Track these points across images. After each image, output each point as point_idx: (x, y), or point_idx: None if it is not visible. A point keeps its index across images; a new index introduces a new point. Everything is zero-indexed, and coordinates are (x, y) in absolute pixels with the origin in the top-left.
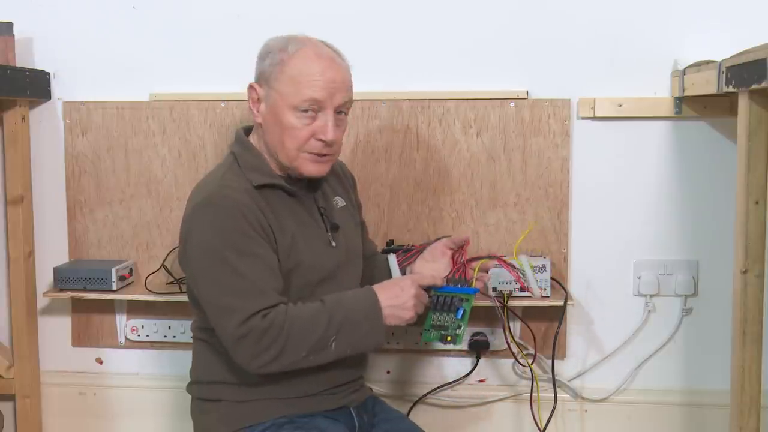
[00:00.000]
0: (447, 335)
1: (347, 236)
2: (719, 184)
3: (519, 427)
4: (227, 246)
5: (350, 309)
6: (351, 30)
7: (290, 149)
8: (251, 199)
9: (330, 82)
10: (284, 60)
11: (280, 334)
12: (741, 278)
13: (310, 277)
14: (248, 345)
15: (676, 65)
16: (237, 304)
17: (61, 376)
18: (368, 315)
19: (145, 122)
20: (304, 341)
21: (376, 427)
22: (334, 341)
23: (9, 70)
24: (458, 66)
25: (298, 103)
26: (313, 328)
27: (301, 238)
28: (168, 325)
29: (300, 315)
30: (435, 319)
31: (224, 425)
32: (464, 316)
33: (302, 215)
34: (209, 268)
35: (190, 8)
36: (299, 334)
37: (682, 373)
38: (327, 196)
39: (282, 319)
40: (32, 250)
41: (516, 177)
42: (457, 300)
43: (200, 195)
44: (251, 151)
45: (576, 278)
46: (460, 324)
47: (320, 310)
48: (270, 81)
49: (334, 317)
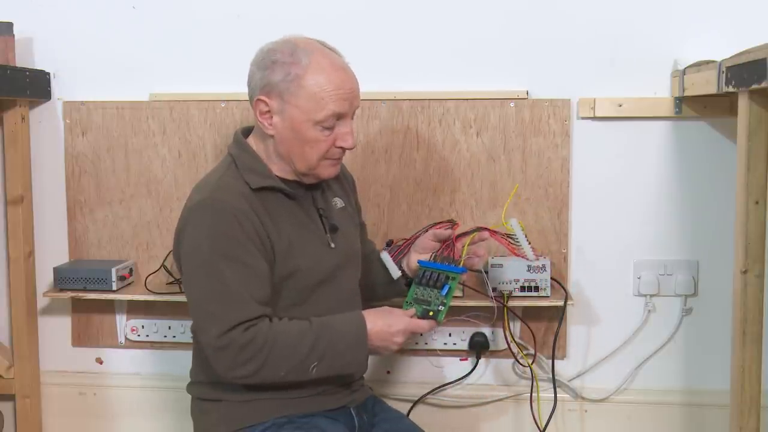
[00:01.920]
0: (429, 310)
1: (346, 237)
2: (719, 184)
3: (519, 427)
4: (216, 251)
5: (336, 337)
6: (351, 30)
7: (312, 159)
8: (247, 203)
9: (349, 92)
10: (300, 75)
11: (261, 351)
12: (741, 278)
13: (308, 280)
14: (227, 357)
15: (676, 65)
16: (219, 313)
17: (61, 376)
18: (352, 346)
19: (145, 122)
20: (284, 362)
21: (376, 427)
22: (315, 367)
23: (9, 70)
24: (458, 66)
25: (322, 118)
26: (296, 351)
27: (299, 241)
28: (168, 325)
29: (284, 334)
30: (419, 294)
31: (224, 425)
32: (449, 293)
33: (300, 217)
34: (197, 271)
35: (190, 8)
36: (280, 354)
37: (682, 373)
38: (326, 196)
39: (264, 336)
40: (32, 250)
41: (516, 177)
42: (443, 277)
43: (196, 197)
44: (249, 153)
45: (576, 278)
46: (444, 301)
47: (305, 334)
48: (285, 95)
49: (318, 343)
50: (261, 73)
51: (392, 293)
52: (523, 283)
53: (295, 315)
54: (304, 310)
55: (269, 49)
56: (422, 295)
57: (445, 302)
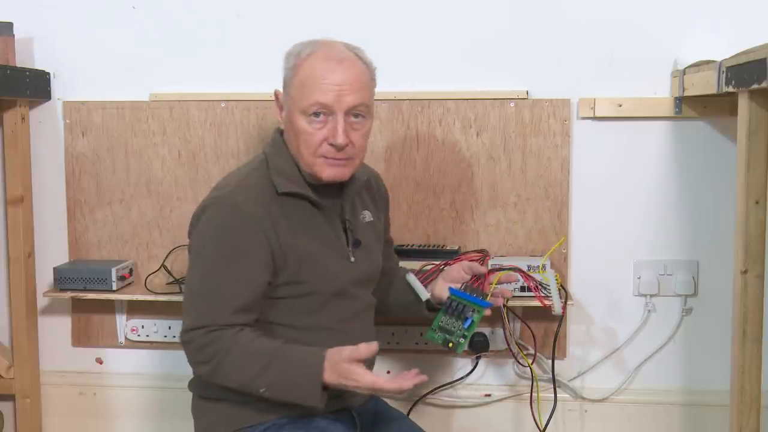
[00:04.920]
0: (450, 341)
1: (368, 252)
2: (719, 184)
3: (519, 427)
4: (217, 253)
5: (289, 369)
6: (351, 30)
7: (306, 155)
8: (264, 208)
9: (336, 84)
10: (297, 65)
11: (214, 358)
12: (741, 278)
13: (321, 291)
14: (188, 353)
15: (676, 65)
16: (193, 309)
17: (61, 376)
18: (303, 382)
19: (145, 122)
20: (232, 376)
21: (376, 427)
22: (266, 390)
23: (9, 70)
24: (458, 66)
25: (305, 107)
26: (245, 369)
27: (317, 252)
28: (168, 325)
29: (240, 351)
30: (444, 322)
31: (225, 425)
32: (471, 326)
33: (322, 227)
34: (195, 263)
35: (190, 8)
36: (230, 367)
37: (682, 373)
38: (355, 208)
39: (221, 344)
40: (32, 250)
41: (516, 177)
42: (469, 309)
43: (217, 191)
44: (283, 155)
45: (576, 278)
46: (465, 334)
47: (261, 356)
48: (286, 87)
49: (269, 369)
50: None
51: (407, 314)
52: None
53: (304, 323)
54: (315, 320)
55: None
56: (447, 324)
57: (465, 335)
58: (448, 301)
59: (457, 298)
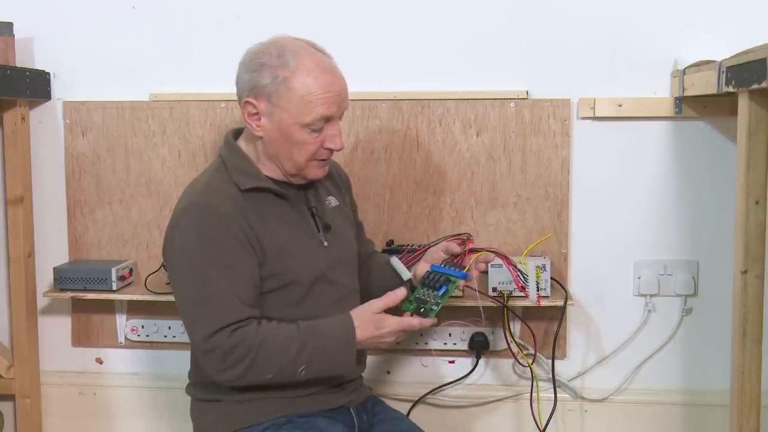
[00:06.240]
0: (422, 308)
1: (340, 236)
2: (719, 184)
3: (519, 427)
4: (204, 256)
5: (324, 340)
6: (351, 30)
7: (299, 161)
8: (234, 206)
9: (337, 95)
10: (288, 78)
11: (248, 355)
12: (741, 278)
13: (302, 279)
14: (213, 360)
15: (676, 65)
16: (205, 316)
17: (61, 376)
18: (341, 348)
19: (145, 122)
20: (272, 365)
21: (375, 427)
22: (304, 369)
23: (9, 70)
24: (458, 66)
25: (310, 121)
26: (284, 354)
27: (291, 241)
28: (168, 325)
29: (271, 338)
30: (420, 293)
31: (223, 425)
32: (444, 294)
33: (292, 217)
34: (184, 275)
35: (190, 8)
36: (268, 357)
37: (682, 373)
38: (319, 195)
39: (251, 338)
40: (32, 250)
41: (516, 177)
42: (444, 279)
43: (185, 201)
44: (238, 154)
45: (576, 278)
46: (439, 302)
47: (293, 337)
48: (273, 98)
49: (305, 346)
50: (248, 75)
51: None
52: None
53: (292, 315)
54: (302, 310)
55: (257, 50)
56: (423, 295)
57: (439, 302)
58: (426, 274)
59: (435, 272)
